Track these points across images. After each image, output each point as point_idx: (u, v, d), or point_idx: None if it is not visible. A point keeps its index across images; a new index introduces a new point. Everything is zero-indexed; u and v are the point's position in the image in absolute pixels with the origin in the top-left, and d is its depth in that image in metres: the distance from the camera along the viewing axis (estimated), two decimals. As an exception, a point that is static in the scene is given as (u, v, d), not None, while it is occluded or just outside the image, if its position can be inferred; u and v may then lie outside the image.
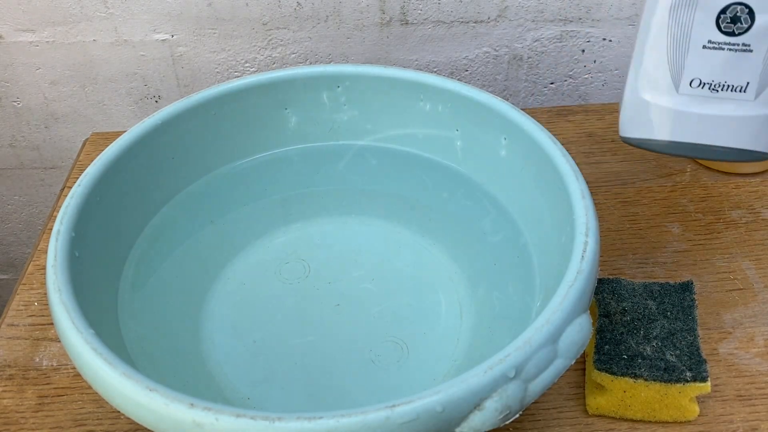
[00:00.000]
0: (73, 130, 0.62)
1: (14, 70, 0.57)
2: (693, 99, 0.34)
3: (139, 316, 0.35)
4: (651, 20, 0.34)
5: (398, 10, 0.54)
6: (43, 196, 0.68)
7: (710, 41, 0.33)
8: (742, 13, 0.32)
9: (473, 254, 0.39)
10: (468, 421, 0.25)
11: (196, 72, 0.58)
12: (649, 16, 0.34)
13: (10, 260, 0.74)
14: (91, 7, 0.54)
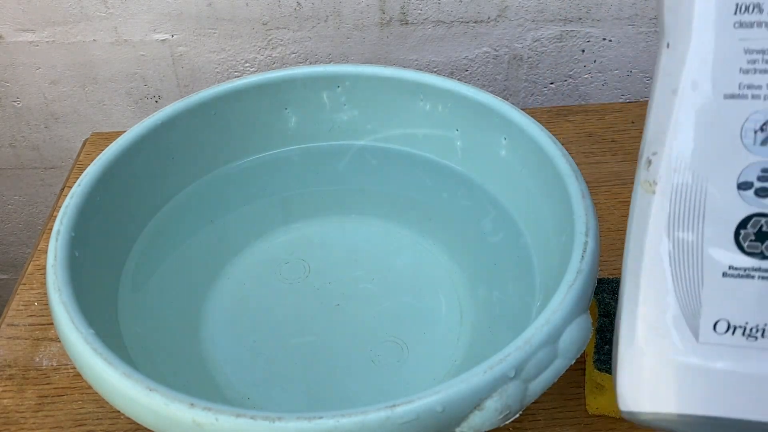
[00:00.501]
0: (73, 130, 0.62)
1: (14, 70, 0.57)
2: (722, 351, 0.23)
3: (139, 316, 0.35)
4: (643, 241, 0.24)
5: (398, 10, 0.54)
6: (43, 196, 0.68)
7: (732, 267, 0.23)
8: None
9: (473, 254, 0.39)
10: (468, 421, 0.25)
11: (196, 72, 0.58)
12: (640, 235, 0.24)
13: (10, 260, 0.74)
14: (91, 7, 0.54)
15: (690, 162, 0.23)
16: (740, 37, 0.23)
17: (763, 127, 0.22)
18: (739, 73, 0.23)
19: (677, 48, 0.24)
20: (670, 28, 0.24)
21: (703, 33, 0.23)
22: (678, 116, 0.23)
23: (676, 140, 0.23)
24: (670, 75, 0.24)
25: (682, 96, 0.23)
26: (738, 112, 0.23)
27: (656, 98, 0.24)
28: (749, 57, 0.22)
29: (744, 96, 0.23)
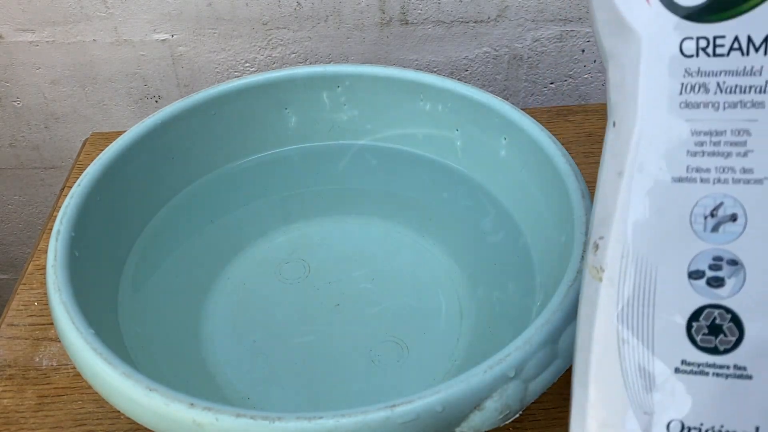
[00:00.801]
0: (73, 130, 0.62)
1: (14, 70, 0.57)
2: None
3: (139, 316, 0.35)
4: (592, 332, 0.22)
5: (398, 10, 0.54)
6: (43, 196, 0.68)
7: (685, 362, 0.21)
8: (723, 320, 0.21)
9: (473, 254, 0.39)
10: (468, 420, 0.25)
11: (196, 72, 0.58)
12: (588, 324, 0.23)
13: (10, 260, 0.74)
14: (91, 7, 0.54)
15: (638, 249, 0.22)
16: (687, 118, 0.22)
17: (713, 212, 0.21)
18: (687, 155, 0.21)
19: (623, 127, 0.22)
20: (616, 106, 0.23)
21: (649, 113, 0.22)
22: (624, 200, 0.22)
23: (623, 226, 0.22)
24: (617, 156, 0.22)
25: (629, 179, 0.22)
26: (687, 196, 0.21)
27: (603, 180, 0.23)
28: (696, 139, 0.21)
29: (692, 180, 0.21)
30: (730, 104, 0.21)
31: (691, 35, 0.22)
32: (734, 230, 0.21)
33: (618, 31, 0.23)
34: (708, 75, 0.21)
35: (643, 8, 0.22)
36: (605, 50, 0.24)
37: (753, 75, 0.21)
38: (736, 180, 0.21)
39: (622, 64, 0.23)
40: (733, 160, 0.21)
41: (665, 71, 0.22)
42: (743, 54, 0.21)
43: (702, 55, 0.21)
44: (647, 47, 0.22)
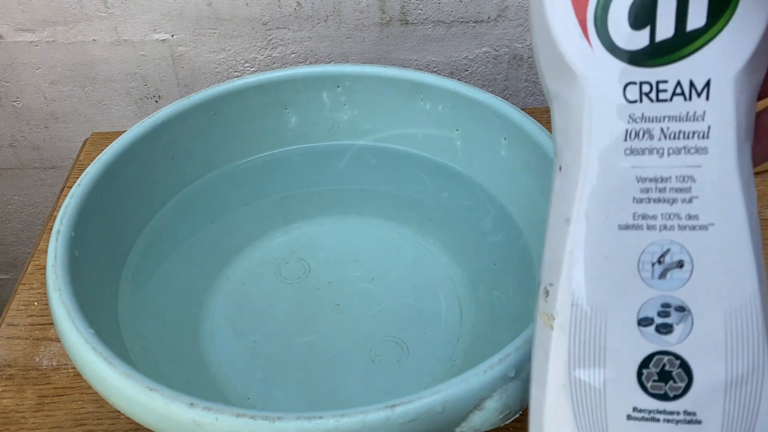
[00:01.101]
0: (73, 129, 0.62)
1: (14, 70, 0.57)
2: None
3: (139, 316, 0.35)
4: (545, 379, 0.22)
5: (398, 9, 0.54)
6: (43, 196, 0.68)
7: (636, 409, 0.21)
8: (672, 367, 0.21)
9: (473, 254, 0.39)
10: (468, 420, 0.25)
11: (196, 72, 0.58)
12: (541, 371, 0.23)
13: (10, 260, 0.74)
14: (91, 7, 0.54)
15: (587, 297, 0.21)
16: (632, 164, 0.21)
17: (660, 259, 0.21)
18: (633, 202, 0.21)
19: (569, 173, 0.22)
20: (561, 150, 0.23)
21: (594, 159, 0.22)
22: (572, 247, 0.22)
23: (571, 273, 0.22)
24: (564, 201, 0.22)
25: (576, 226, 0.22)
26: (634, 244, 0.21)
27: (551, 225, 0.23)
28: (642, 186, 0.21)
29: (639, 227, 0.21)
30: (674, 150, 0.21)
31: (635, 80, 0.21)
32: (681, 277, 0.21)
33: (562, 75, 0.22)
34: (652, 121, 0.21)
35: (586, 52, 0.22)
36: (549, 92, 0.23)
37: (696, 120, 0.21)
38: (681, 226, 0.21)
39: (566, 108, 0.22)
40: (679, 206, 0.21)
41: (610, 117, 0.22)
42: (686, 99, 0.21)
43: (645, 101, 0.21)
44: (591, 92, 0.22)
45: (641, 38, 0.21)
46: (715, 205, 0.21)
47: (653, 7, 0.21)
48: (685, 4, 0.21)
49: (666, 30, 0.21)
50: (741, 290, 0.21)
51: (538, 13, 0.23)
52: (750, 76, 0.21)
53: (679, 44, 0.21)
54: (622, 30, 0.21)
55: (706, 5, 0.21)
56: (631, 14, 0.21)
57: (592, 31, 0.22)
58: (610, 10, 0.21)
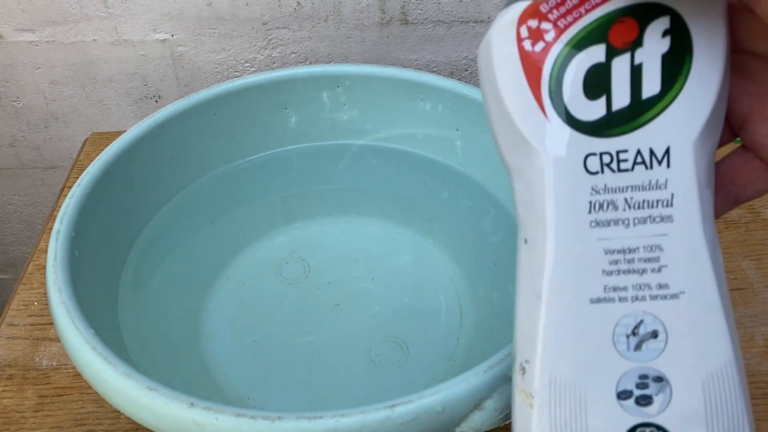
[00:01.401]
0: (73, 129, 0.62)
1: (14, 70, 0.57)
2: None
3: (139, 316, 0.35)
4: None
5: (398, 9, 0.54)
6: (43, 196, 0.68)
7: None
8: None
9: (473, 254, 0.39)
10: (468, 420, 0.25)
11: (196, 72, 0.58)
12: None
13: (10, 260, 0.74)
14: (91, 7, 0.54)
15: (565, 373, 0.21)
16: (598, 237, 0.21)
17: (634, 330, 0.21)
18: (603, 275, 0.21)
19: (536, 246, 0.22)
20: (525, 222, 0.22)
21: (560, 234, 0.21)
22: (546, 323, 0.21)
23: (547, 350, 0.21)
24: (533, 276, 0.22)
25: (547, 302, 0.21)
26: (607, 317, 0.21)
27: (522, 300, 0.22)
28: (610, 258, 0.21)
29: (611, 299, 0.21)
30: (639, 220, 0.21)
31: (595, 151, 0.21)
32: (657, 347, 0.21)
33: (520, 148, 0.22)
34: (615, 191, 0.21)
35: (543, 125, 0.21)
36: (508, 165, 0.23)
37: (659, 189, 0.21)
38: (653, 296, 0.21)
39: (527, 181, 0.22)
40: (649, 276, 0.21)
41: (572, 190, 0.21)
42: (647, 168, 0.21)
43: (607, 171, 0.21)
44: (552, 166, 0.21)
45: (598, 108, 0.21)
46: (684, 273, 0.21)
47: (607, 76, 0.21)
48: (639, 71, 0.21)
49: (622, 99, 0.21)
50: (716, 355, 0.21)
51: (489, 85, 0.22)
52: (708, 138, 0.21)
53: (637, 112, 0.21)
54: (578, 101, 0.21)
55: (660, 72, 0.21)
56: (586, 85, 0.21)
57: (547, 103, 0.21)
58: (564, 81, 0.21)
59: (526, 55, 0.21)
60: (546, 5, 0.21)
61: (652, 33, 0.21)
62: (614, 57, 0.21)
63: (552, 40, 0.21)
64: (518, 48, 0.21)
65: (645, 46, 0.21)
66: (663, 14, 0.20)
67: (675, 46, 0.21)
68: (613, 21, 0.20)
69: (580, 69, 0.21)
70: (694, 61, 0.21)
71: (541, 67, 0.21)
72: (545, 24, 0.21)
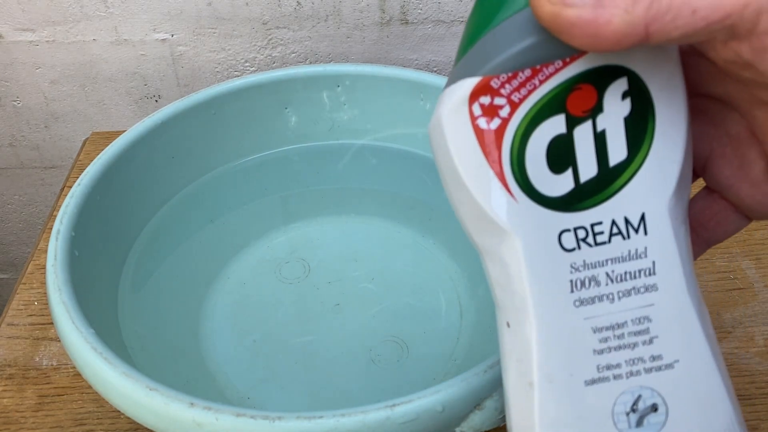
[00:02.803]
0: (73, 129, 0.62)
1: (14, 70, 0.57)
2: None
3: (139, 315, 0.35)
4: None
5: (398, 9, 0.54)
6: (43, 196, 0.68)
7: None
8: None
9: (473, 254, 0.39)
10: (468, 420, 0.25)
11: (196, 71, 0.58)
12: None
13: (10, 260, 0.74)
14: (91, 7, 0.54)
15: None
16: (584, 316, 0.20)
17: (633, 407, 0.20)
18: (594, 354, 0.20)
19: (519, 331, 0.21)
20: (504, 306, 0.22)
21: (544, 317, 0.20)
22: (541, 413, 0.20)
23: None
24: (522, 362, 0.21)
25: (541, 390, 0.20)
26: (604, 397, 0.20)
27: (512, 389, 0.21)
28: (599, 336, 0.20)
29: (606, 379, 0.20)
30: (624, 293, 0.20)
31: (568, 227, 0.20)
32: (658, 420, 0.20)
33: (489, 231, 0.21)
34: (595, 266, 0.20)
35: (510, 206, 0.20)
36: (478, 247, 0.22)
37: (639, 258, 0.20)
38: (647, 369, 0.20)
39: (502, 263, 0.21)
40: (641, 349, 0.20)
41: (551, 270, 0.20)
42: (624, 238, 0.20)
43: (584, 247, 0.20)
44: (526, 247, 0.20)
45: (565, 182, 0.20)
46: (676, 341, 0.20)
47: (571, 147, 0.20)
48: (603, 138, 0.20)
49: (589, 169, 0.20)
50: (719, 421, 0.20)
51: (447, 167, 0.21)
52: (681, 196, 0.20)
53: (606, 181, 0.20)
54: (544, 176, 0.20)
55: (624, 136, 0.20)
56: (550, 158, 0.20)
57: (512, 183, 0.20)
58: (527, 157, 0.20)
59: (483, 134, 0.20)
60: (497, 80, 0.19)
61: (612, 96, 0.20)
62: (575, 126, 0.20)
63: (508, 116, 0.20)
64: (473, 127, 0.20)
65: (606, 111, 0.20)
66: (619, 76, 0.19)
67: (636, 107, 0.20)
68: (570, 89, 0.19)
69: (542, 143, 0.20)
70: (657, 119, 0.20)
71: (500, 145, 0.20)
72: (498, 99, 0.20)
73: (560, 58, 0.19)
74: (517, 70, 0.19)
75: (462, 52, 0.21)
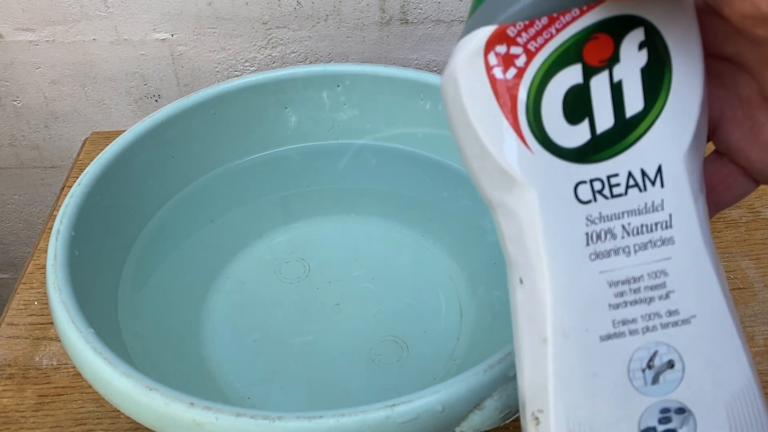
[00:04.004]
0: (73, 129, 0.62)
1: (14, 70, 0.57)
2: None
3: (139, 315, 0.35)
4: None
5: (398, 9, 0.54)
6: (43, 196, 0.68)
7: None
8: None
9: (473, 253, 0.39)
10: (468, 420, 0.25)
11: (196, 71, 0.58)
12: None
13: (10, 259, 0.74)
14: (91, 7, 0.54)
15: (583, 419, 0.20)
16: (600, 269, 0.20)
17: (649, 364, 0.20)
18: (610, 309, 0.20)
19: (534, 287, 0.20)
20: (518, 262, 0.21)
21: (559, 271, 0.20)
22: (556, 369, 0.20)
23: (561, 397, 0.20)
24: (535, 320, 0.20)
25: (555, 346, 0.20)
26: (619, 353, 0.20)
27: (525, 346, 0.21)
28: (615, 290, 0.20)
29: (621, 334, 0.20)
30: (640, 246, 0.20)
31: (584, 178, 0.20)
32: (674, 377, 0.20)
33: (502, 183, 0.20)
34: (611, 219, 0.20)
35: (526, 157, 0.20)
36: (491, 201, 0.21)
37: (656, 211, 0.20)
38: (664, 325, 0.20)
39: (515, 218, 0.21)
40: (657, 304, 0.20)
41: (566, 223, 0.20)
42: (641, 190, 0.20)
43: (600, 199, 0.20)
44: (540, 199, 0.20)
45: (581, 133, 0.20)
46: (693, 296, 0.20)
47: (587, 97, 0.20)
48: (620, 89, 0.20)
49: (606, 120, 0.20)
50: (736, 377, 0.20)
51: (460, 119, 0.20)
52: (697, 150, 0.20)
53: (623, 133, 0.20)
54: (560, 127, 0.20)
55: (641, 87, 0.20)
56: (566, 109, 0.20)
57: (527, 133, 0.20)
58: (543, 107, 0.20)
59: (498, 84, 0.20)
60: (513, 28, 0.19)
61: (628, 47, 0.19)
62: (592, 76, 0.20)
63: (524, 65, 0.19)
64: (488, 77, 0.20)
65: (622, 61, 0.20)
66: (636, 26, 0.19)
67: (653, 59, 0.20)
68: (587, 38, 0.19)
69: (558, 93, 0.20)
70: (674, 71, 0.20)
71: (515, 94, 0.20)
72: (515, 48, 0.19)
73: (577, 6, 0.19)
74: (534, 18, 0.19)
75: (477, 2, 0.20)
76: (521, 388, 0.21)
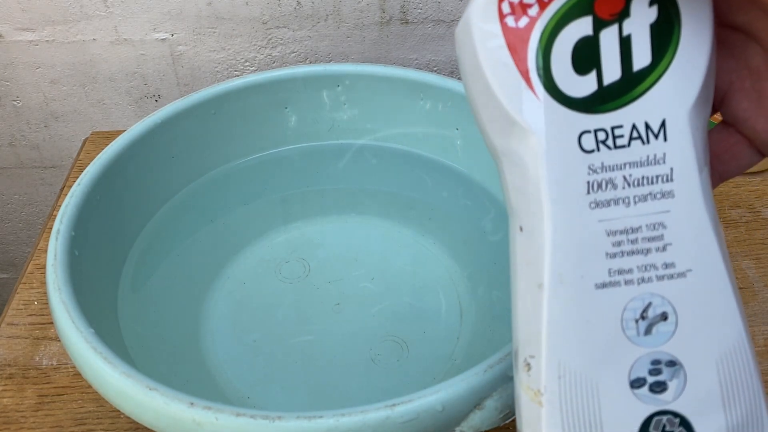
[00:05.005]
0: (73, 129, 0.62)
1: (14, 69, 0.57)
2: None
3: (139, 315, 0.35)
4: None
5: (398, 9, 0.54)
6: (43, 195, 0.68)
7: None
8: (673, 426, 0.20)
9: (473, 253, 0.39)
10: (468, 420, 0.25)
11: (195, 71, 0.58)
12: None
13: (10, 259, 0.74)
14: (91, 6, 0.54)
15: (574, 366, 0.20)
16: (599, 218, 0.20)
17: (643, 314, 0.20)
18: (606, 258, 0.20)
19: (533, 234, 0.21)
20: (519, 209, 0.21)
21: (559, 218, 0.20)
22: (550, 315, 0.20)
23: (553, 342, 0.20)
24: (532, 265, 0.21)
25: (550, 291, 0.20)
26: (614, 302, 0.20)
27: (520, 292, 0.21)
28: (613, 239, 0.20)
29: (616, 283, 0.20)
30: (640, 198, 0.20)
31: (589, 128, 0.20)
32: (667, 330, 0.20)
33: (509, 130, 0.21)
34: (613, 169, 0.20)
35: (532, 104, 0.20)
36: (496, 149, 0.22)
37: (657, 164, 0.20)
38: (659, 277, 0.20)
39: (519, 165, 0.21)
40: (654, 256, 0.20)
41: (569, 170, 0.20)
42: (644, 143, 0.20)
43: (603, 149, 0.20)
44: (544, 146, 0.20)
45: (589, 83, 0.20)
46: (689, 249, 0.20)
47: (596, 49, 0.20)
48: (628, 43, 0.20)
49: (613, 72, 0.20)
50: (728, 334, 0.20)
51: (471, 67, 0.21)
52: (701, 109, 0.21)
53: (629, 86, 0.20)
54: (568, 77, 0.20)
55: (650, 42, 0.20)
56: (575, 59, 0.20)
57: (536, 81, 0.20)
58: (552, 56, 0.20)
59: (510, 32, 0.20)
60: None
61: (639, 3, 0.20)
62: (602, 29, 0.20)
63: (536, 15, 0.20)
64: (501, 25, 0.20)
65: (632, 16, 0.20)
66: None
67: (662, 15, 0.20)
68: None
69: (568, 43, 0.20)
70: (682, 29, 0.20)
71: (526, 43, 0.20)
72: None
73: None
74: None
75: None
76: (515, 335, 0.22)
